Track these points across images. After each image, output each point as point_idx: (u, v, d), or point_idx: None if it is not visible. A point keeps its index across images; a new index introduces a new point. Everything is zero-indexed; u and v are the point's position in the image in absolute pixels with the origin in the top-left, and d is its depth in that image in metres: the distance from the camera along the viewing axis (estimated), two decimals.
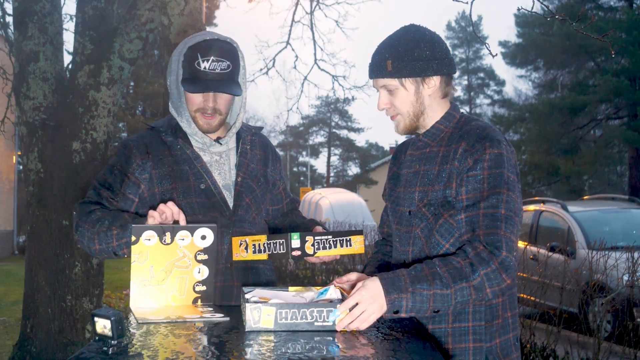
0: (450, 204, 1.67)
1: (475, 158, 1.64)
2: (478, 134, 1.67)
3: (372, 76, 1.77)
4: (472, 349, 1.68)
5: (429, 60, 1.70)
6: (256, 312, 1.44)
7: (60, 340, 4.31)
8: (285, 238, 1.65)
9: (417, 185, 1.76)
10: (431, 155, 1.75)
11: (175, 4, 3.65)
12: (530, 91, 28.50)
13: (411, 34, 1.73)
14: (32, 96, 4.47)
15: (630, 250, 4.82)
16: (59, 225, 4.37)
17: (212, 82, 1.86)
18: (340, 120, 41.62)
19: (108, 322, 1.29)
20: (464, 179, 1.64)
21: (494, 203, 1.60)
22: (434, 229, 1.69)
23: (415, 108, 1.74)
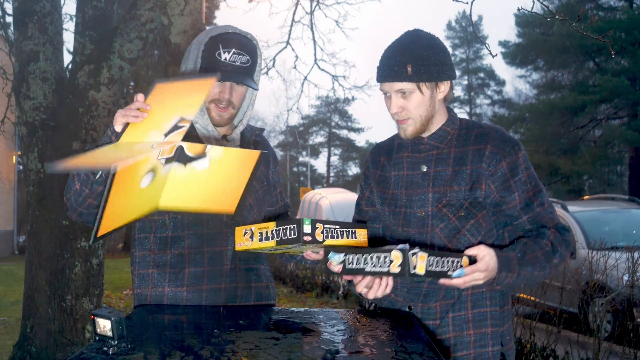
0: (481, 205, 1.75)
1: (509, 162, 1.74)
2: (502, 137, 1.77)
3: (388, 80, 1.77)
4: (490, 334, 1.76)
5: (443, 66, 1.76)
6: (414, 258, 1.46)
7: (60, 340, 4.31)
8: (297, 223, 1.62)
9: (429, 186, 1.78)
10: (441, 156, 1.79)
11: (175, 4, 3.65)
12: (530, 91, 28.51)
13: (425, 40, 1.78)
14: (32, 96, 4.47)
15: (630, 250, 4.82)
16: (59, 225, 4.37)
17: (231, 74, 1.85)
18: (340, 120, 41.64)
19: (108, 322, 1.29)
20: (512, 185, 1.74)
21: (542, 200, 1.76)
22: (462, 229, 1.75)
23: (428, 112, 1.77)
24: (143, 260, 1.91)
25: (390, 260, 1.47)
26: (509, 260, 1.63)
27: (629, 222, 7.63)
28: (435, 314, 1.76)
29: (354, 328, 1.54)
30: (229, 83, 1.88)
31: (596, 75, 19.49)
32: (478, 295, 1.76)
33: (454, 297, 1.75)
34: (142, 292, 1.90)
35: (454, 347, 1.74)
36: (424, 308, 1.76)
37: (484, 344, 1.75)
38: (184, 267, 1.85)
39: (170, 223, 1.87)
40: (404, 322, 1.62)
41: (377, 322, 1.62)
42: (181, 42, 3.69)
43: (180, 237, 1.87)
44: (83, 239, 4.38)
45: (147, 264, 1.90)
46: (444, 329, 1.75)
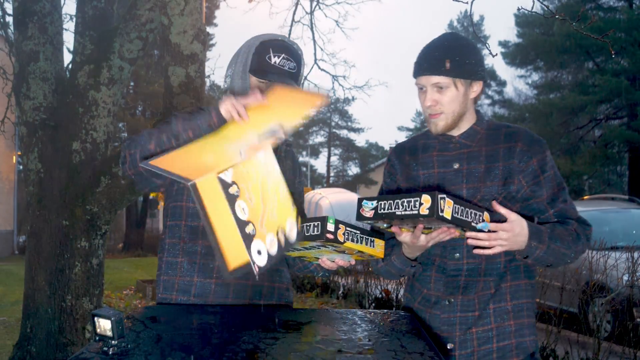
0: (515, 199, 1.83)
1: (539, 159, 1.84)
2: (531, 136, 1.86)
3: (425, 73, 1.83)
4: (527, 324, 1.85)
5: (478, 66, 1.85)
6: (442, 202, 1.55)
7: (60, 340, 4.31)
8: (322, 220, 1.68)
9: (463, 182, 1.85)
10: (473, 154, 1.87)
11: (175, 4, 3.65)
12: (530, 91, 28.49)
13: (462, 40, 1.88)
14: (32, 96, 4.47)
15: (630, 250, 4.82)
16: (59, 225, 4.37)
17: (281, 76, 1.91)
18: (340, 120, 41.63)
19: (108, 322, 1.29)
20: (541, 180, 1.83)
21: (565, 197, 1.87)
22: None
23: (460, 108, 1.84)
24: (173, 248, 1.93)
25: (420, 203, 1.55)
26: (539, 231, 1.74)
27: (629, 222, 7.63)
28: (474, 306, 1.82)
29: (354, 328, 1.54)
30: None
31: (596, 75, 19.48)
32: (516, 288, 1.84)
33: (491, 289, 1.82)
34: (169, 279, 1.92)
35: (497, 337, 1.82)
36: (463, 300, 1.82)
37: (523, 333, 1.83)
38: (214, 259, 1.86)
39: (186, 229, 1.89)
40: (404, 322, 1.62)
41: (377, 321, 1.62)
42: (181, 42, 3.69)
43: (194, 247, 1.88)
44: (83, 239, 4.38)
45: (176, 252, 1.92)
46: (486, 319, 1.82)
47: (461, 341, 1.80)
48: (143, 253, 19.79)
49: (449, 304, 1.82)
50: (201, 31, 3.73)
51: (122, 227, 24.01)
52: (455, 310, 1.82)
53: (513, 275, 1.84)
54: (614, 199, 8.92)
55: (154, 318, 1.61)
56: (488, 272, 1.81)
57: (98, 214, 4.34)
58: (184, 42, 3.68)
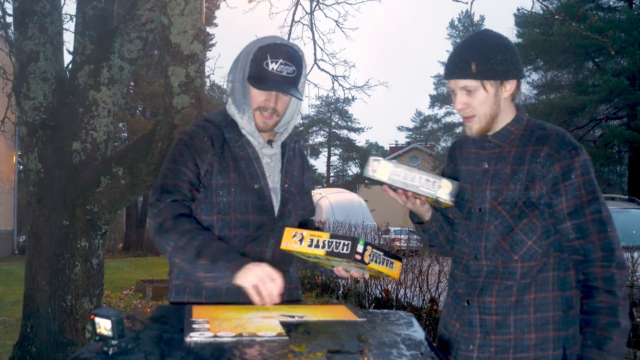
0: (534, 205, 1.76)
1: (564, 165, 1.73)
2: (561, 140, 1.76)
3: (452, 77, 1.81)
4: (552, 338, 1.76)
5: (509, 64, 1.78)
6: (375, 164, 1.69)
7: (60, 340, 4.31)
8: (353, 241, 1.71)
9: (488, 183, 1.83)
10: (502, 155, 1.82)
11: (175, 4, 3.65)
12: (530, 91, 28.49)
13: (492, 39, 1.81)
14: (32, 96, 4.47)
15: (630, 250, 4.82)
16: (59, 225, 4.37)
17: (278, 83, 1.92)
18: (340, 120, 41.65)
19: (108, 322, 1.29)
20: (561, 188, 1.73)
21: (597, 208, 1.72)
22: (515, 228, 1.77)
23: (492, 110, 1.80)
24: None
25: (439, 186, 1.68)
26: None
27: (629, 222, 7.63)
28: (491, 309, 1.78)
29: (354, 327, 1.54)
30: (274, 92, 1.96)
31: (596, 75, 19.49)
32: (541, 300, 1.77)
33: (512, 296, 1.77)
34: (182, 283, 1.95)
35: (514, 348, 1.76)
36: (479, 302, 1.80)
37: (545, 347, 1.75)
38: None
39: (218, 223, 1.92)
40: (404, 322, 1.62)
41: (376, 321, 1.62)
42: (181, 42, 3.69)
43: (226, 237, 1.92)
44: (83, 239, 4.38)
45: None
46: (505, 329, 1.77)
47: (480, 345, 1.78)
48: (143, 253, 19.80)
49: (467, 304, 1.81)
50: (201, 31, 3.73)
51: (122, 227, 24.02)
52: (474, 312, 1.80)
53: (539, 287, 1.77)
54: (614, 199, 8.93)
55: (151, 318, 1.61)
56: (505, 275, 1.77)
57: (98, 214, 4.34)
58: (184, 42, 3.68)
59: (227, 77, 2.04)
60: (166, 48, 3.74)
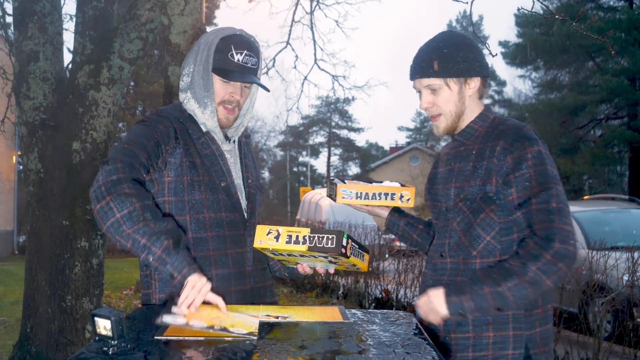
0: (490, 199, 1.76)
1: (515, 157, 1.72)
2: (515, 133, 1.76)
3: (416, 76, 1.85)
4: (512, 337, 1.75)
5: (472, 62, 1.81)
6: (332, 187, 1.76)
7: (60, 340, 4.31)
8: (337, 234, 1.70)
9: (452, 181, 1.86)
10: (465, 153, 1.85)
11: (175, 4, 3.65)
12: (530, 91, 28.49)
13: (454, 38, 1.85)
14: (32, 96, 4.47)
15: (630, 250, 4.82)
16: (59, 225, 4.37)
17: (246, 75, 1.88)
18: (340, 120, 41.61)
19: (108, 322, 1.29)
20: (511, 179, 1.72)
21: (545, 198, 1.69)
22: (474, 223, 1.78)
23: (457, 108, 1.83)
24: None
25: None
26: (459, 285, 1.70)
27: (629, 222, 7.64)
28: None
29: (354, 327, 1.54)
30: (239, 84, 1.91)
31: (596, 75, 19.47)
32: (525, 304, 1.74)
33: None
34: (165, 297, 1.83)
35: (473, 347, 1.76)
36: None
37: (504, 346, 1.74)
38: (211, 269, 1.84)
39: (192, 224, 1.83)
40: (404, 322, 1.62)
41: (377, 321, 1.62)
42: (181, 42, 3.69)
43: (203, 238, 1.84)
44: (83, 239, 4.38)
45: None
46: (464, 327, 1.77)
47: (443, 343, 1.79)
48: None
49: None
50: (201, 31, 3.73)
51: None
52: None
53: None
54: (614, 199, 8.93)
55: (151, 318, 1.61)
56: (466, 272, 1.78)
57: None
58: (184, 42, 3.68)
59: (182, 70, 1.94)
60: (166, 48, 3.74)
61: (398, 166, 35.00)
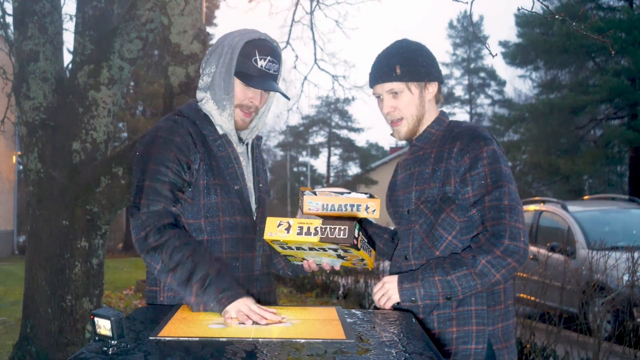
0: (450, 200, 1.81)
1: (472, 156, 1.78)
2: (471, 134, 1.82)
3: (378, 82, 1.89)
4: (474, 332, 1.80)
5: (431, 67, 1.89)
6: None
7: (60, 340, 4.31)
8: (350, 226, 1.71)
9: (413, 185, 1.90)
10: (424, 157, 1.90)
11: (175, 4, 3.65)
12: (530, 91, 28.49)
13: (413, 44, 1.92)
14: (32, 96, 4.47)
15: (630, 250, 4.82)
16: (59, 225, 4.37)
17: (268, 81, 1.88)
18: (340, 120, 41.57)
19: (108, 322, 1.29)
20: (467, 178, 1.78)
21: (498, 196, 1.76)
22: (435, 224, 1.83)
23: (418, 111, 1.89)
24: None
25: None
26: (411, 273, 1.80)
27: (629, 222, 7.63)
28: (418, 308, 1.83)
29: (354, 328, 1.54)
30: (260, 90, 1.90)
31: (596, 75, 19.46)
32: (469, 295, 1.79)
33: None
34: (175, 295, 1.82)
35: (438, 342, 1.81)
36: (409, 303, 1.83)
37: (467, 341, 1.80)
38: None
39: (206, 227, 1.83)
40: (404, 322, 1.62)
41: (377, 321, 1.62)
42: (181, 42, 3.69)
43: (217, 241, 1.84)
44: (83, 239, 4.38)
45: None
46: (430, 325, 1.83)
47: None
48: None
49: (397, 305, 1.84)
50: (201, 31, 3.73)
51: (122, 227, 24.00)
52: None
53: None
54: (614, 199, 8.92)
55: (151, 318, 1.61)
56: None
57: (98, 214, 4.34)
58: (184, 42, 3.68)
59: (202, 69, 1.93)
60: (166, 48, 3.74)
61: None
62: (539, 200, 8.60)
